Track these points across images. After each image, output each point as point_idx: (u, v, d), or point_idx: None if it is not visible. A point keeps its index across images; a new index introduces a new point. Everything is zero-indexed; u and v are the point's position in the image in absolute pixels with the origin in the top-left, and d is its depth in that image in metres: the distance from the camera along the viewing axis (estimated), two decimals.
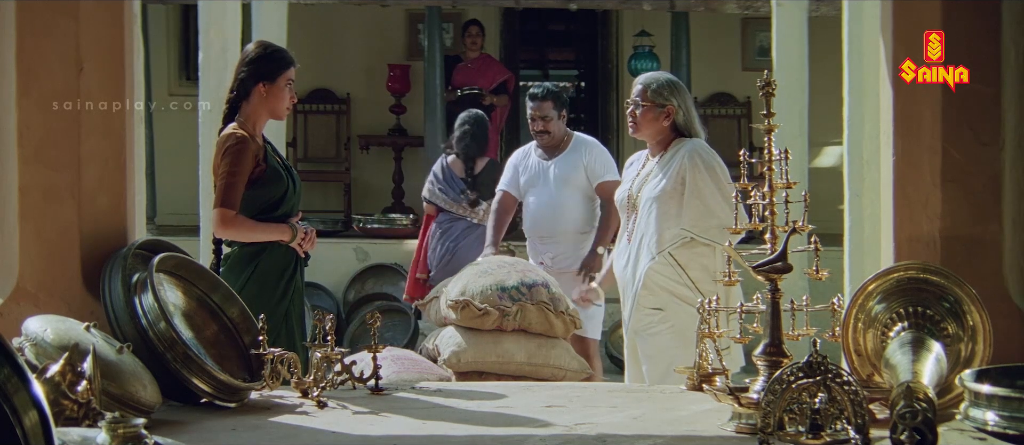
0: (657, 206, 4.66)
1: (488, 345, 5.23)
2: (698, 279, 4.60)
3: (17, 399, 1.77)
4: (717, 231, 4.57)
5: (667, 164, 4.71)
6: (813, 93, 8.70)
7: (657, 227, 4.63)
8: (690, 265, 4.62)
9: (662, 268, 4.63)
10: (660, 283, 4.63)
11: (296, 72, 4.47)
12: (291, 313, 4.37)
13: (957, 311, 3.08)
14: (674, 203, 4.64)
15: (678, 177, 4.63)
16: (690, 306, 4.52)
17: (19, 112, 3.53)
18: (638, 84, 4.85)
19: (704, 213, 4.61)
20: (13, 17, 3.51)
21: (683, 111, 4.79)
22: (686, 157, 4.65)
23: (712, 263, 4.61)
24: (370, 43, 11.67)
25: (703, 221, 4.61)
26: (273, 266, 4.34)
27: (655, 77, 4.89)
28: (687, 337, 4.50)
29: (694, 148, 4.69)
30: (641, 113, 4.77)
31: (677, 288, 4.61)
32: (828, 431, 2.58)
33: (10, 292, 3.53)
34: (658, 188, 4.68)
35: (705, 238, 4.59)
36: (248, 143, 4.28)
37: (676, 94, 4.80)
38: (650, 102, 4.75)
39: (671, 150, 4.75)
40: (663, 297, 4.63)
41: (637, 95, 4.80)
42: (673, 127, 4.78)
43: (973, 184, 3.44)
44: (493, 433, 3.01)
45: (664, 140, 4.79)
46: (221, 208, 4.27)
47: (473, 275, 5.35)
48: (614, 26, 11.94)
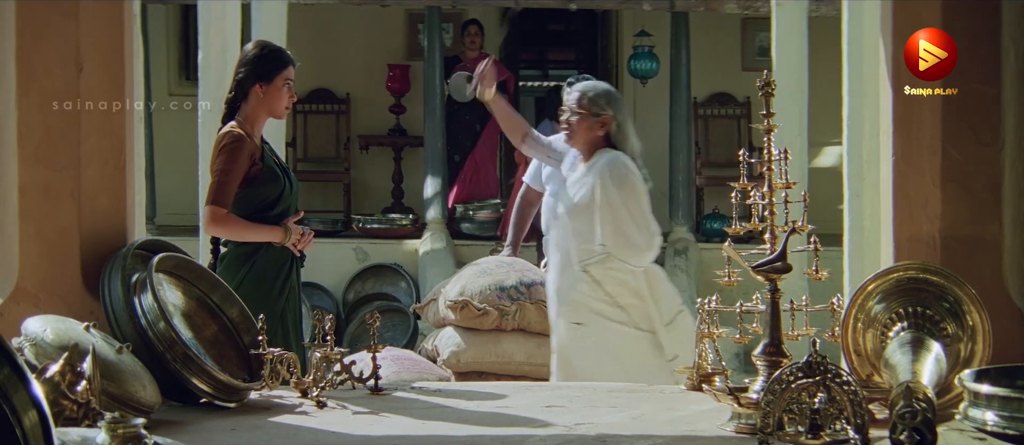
0: (572, 218, 4.63)
1: (487, 345, 5.24)
2: (615, 294, 4.56)
3: (17, 399, 1.77)
4: (627, 249, 4.54)
5: (586, 176, 4.68)
6: (813, 93, 8.69)
7: (576, 241, 4.60)
8: (606, 280, 4.57)
9: (580, 283, 4.59)
10: (577, 299, 4.60)
11: (296, 72, 4.47)
12: (287, 313, 4.37)
13: (957, 311, 3.08)
14: (586, 217, 4.60)
15: (592, 190, 4.60)
16: (610, 321, 4.53)
17: (19, 112, 3.53)
18: (575, 92, 4.78)
19: (615, 230, 4.57)
20: (13, 17, 3.51)
21: (618, 123, 4.75)
22: (600, 170, 4.61)
23: (631, 278, 4.58)
24: (370, 43, 11.67)
25: (614, 238, 4.57)
26: (269, 266, 4.34)
27: (593, 86, 4.85)
28: (610, 352, 4.51)
29: (610, 161, 4.65)
30: (577, 121, 4.72)
31: (595, 304, 4.57)
32: (828, 431, 2.58)
33: (10, 292, 3.53)
34: (574, 199, 4.65)
35: (618, 255, 4.56)
36: (244, 142, 4.28)
37: (612, 105, 4.76)
38: (586, 110, 4.71)
39: (593, 161, 4.70)
40: (583, 312, 4.59)
41: (573, 102, 4.74)
42: (606, 138, 4.74)
43: (973, 184, 3.44)
44: (493, 433, 3.01)
45: (594, 149, 4.74)
46: (211, 206, 4.27)
47: (472, 275, 5.35)
48: (614, 26, 11.93)
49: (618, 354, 4.54)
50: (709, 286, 8.72)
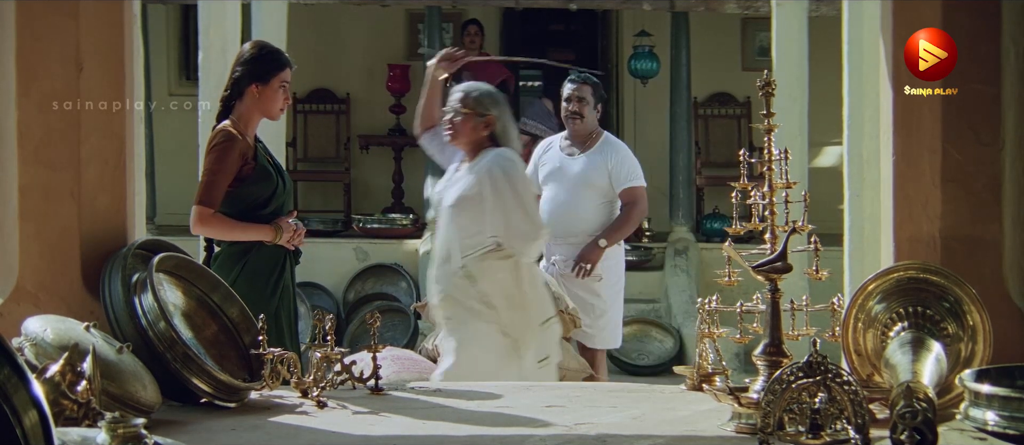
0: (455, 213, 4.62)
1: None
2: (488, 292, 4.57)
3: (17, 399, 1.77)
4: (518, 239, 4.56)
5: (470, 173, 4.67)
6: (813, 93, 8.69)
7: (458, 235, 4.60)
8: (482, 277, 4.58)
9: (458, 279, 4.59)
10: (453, 294, 4.60)
11: (295, 73, 4.47)
12: (281, 312, 4.37)
13: (957, 311, 3.08)
14: (470, 212, 4.59)
15: (478, 185, 4.59)
16: (477, 320, 4.54)
17: (19, 112, 3.53)
18: (459, 92, 4.78)
19: (504, 223, 4.58)
20: (13, 17, 3.51)
21: (502, 123, 4.75)
22: (487, 166, 4.61)
23: (505, 277, 4.59)
24: (370, 43, 11.67)
25: (504, 229, 4.57)
26: (262, 265, 4.34)
27: (476, 86, 4.86)
28: (470, 348, 4.52)
29: (497, 157, 4.65)
30: (461, 121, 4.71)
31: (467, 300, 4.58)
32: (828, 431, 2.58)
33: (10, 292, 3.53)
34: (457, 195, 4.64)
35: (507, 248, 4.56)
36: (235, 141, 4.28)
37: (496, 106, 4.76)
38: (471, 110, 4.70)
39: (478, 159, 4.69)
40: (455, 309, 4.59)
41: (458, 102, 4.74)
42: (491, 137, 4.74)
43: (973, 184, 3.44)
44: (493, 433, 3.01)
45: (478, 149, 4.73)
46: (198, 205, 4.28)
47: None
48: (614, 26, 11.93)
49: (477, 352, 4.55)
50: (709, 286, 8.73)
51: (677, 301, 9.32)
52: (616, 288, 6.19)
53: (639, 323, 9.08)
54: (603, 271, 6.06)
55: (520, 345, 4.62)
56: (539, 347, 4.66)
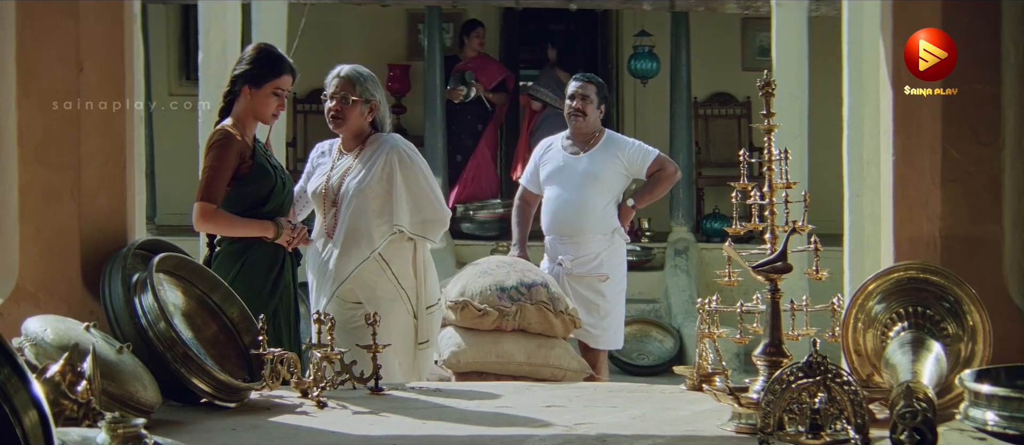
0: (362, 201, 4.56)
1: (488, 345, 5.23)
2: (400, 274, 4.56)
3: (17, 399, 1.77)
4: (426, 225, 4.56)
5: (369, 159, 4.62)
6: (813, 93, 8.69)
7: (367, 223, 4.56)
8: (393, 260, 4.57)
9: (369, 264, 4.56)
10: (365, 279, 4.56)
11: (294, 81, 4.46)
12: (280, 311, 4.37)
13: (957, 311, 3.08)
14: (379, 198, 4.55)
15: (383, 172, 4.56)
16: (389, 302, 4.53)
17: (19, 112, 3.53)
18: (341, 76, 4.71)
19: (413, 208, 4.57)
20: (13, 17, 3.51)
21: (383, 107, 4.74)
22: (392, 153, 4.58)
23: (409, 260, 4.58)
24: (370, 43, 11.66)
25: (413, 216, 4.57)
26: (260, 263, 4.34)
27: (359, 71, 4.76)
28: (387, 333, 4.49)
29: (398, 144, 4.64)
30: (349, 107, 4.65)
31: (381, 284, 4.57)
32: (828, 431, 2.58)
33: (10, 292, 3.53)
34: (364, 183, 4.58)
35: (417, 234, 4.56)
36: (232, 140, 4.29)
37: (378, 89, 4.74)
38: (359, 97, 4.65)
39: (371, 145, 4.65)
40: (366, 293, 4.56)
41: (343, 88, 4.67)
42: (372, 122, 4.72)
43: (973, 184, 3.44)
44: (493, 433, 3.01)
45: (362, 135, 4.70)
46: (201, 202, 4.28)
47: (472, 275, 5.34)
48: (614, 26, 11.93)
49: (388, 335, 4.52)
50: (709, 286, 8.74)
51: (677, 301, 9.32)
52: (620, 288, 6.17)
53: (639, 323, 9.08)
54: (609, 270, 6.05)
55: (418, 326, 4.64)
56: (423, 330, 4.66)
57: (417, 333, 4.63)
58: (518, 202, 6.42)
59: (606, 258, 6.06)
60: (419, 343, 4.64)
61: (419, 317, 4.63)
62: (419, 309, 4.63)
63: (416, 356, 4.64)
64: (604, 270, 6.04)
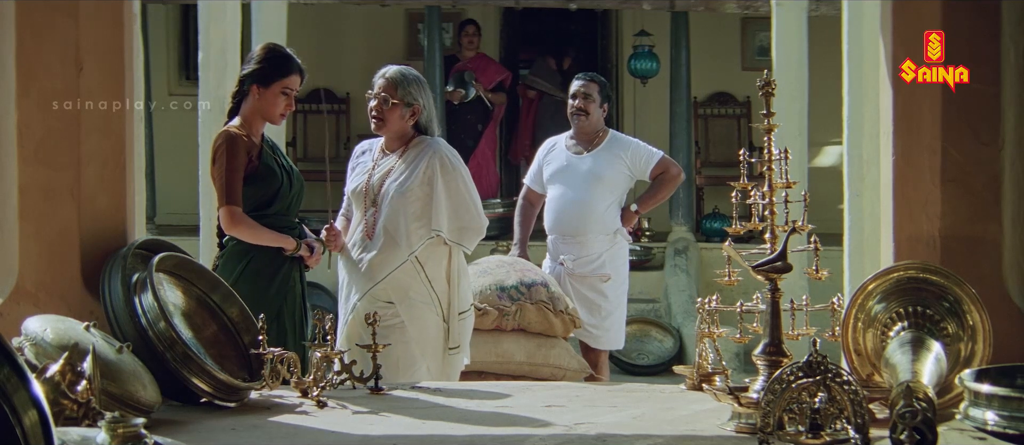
0: (403, 203, 4.55)
1: (487, 345, 5.24)
2: (433, 278, 4.55)
3: (17, 399, 1.77)
4: (463, 232, 4.54)
5: (412, 162, 4.60)
6: (813, 93, 8.69)
7: (406, 225, 4.54)
8: (428, 263, 4.55)
9: (407, 265, 4.53)
10: (400, 280, 4.54)
11: (303, 81, 4.46)
12: (284, 312, 4.37)
13: (957, 311, 3.08)
14: (420, 201, 4.53)
15: (425, 176, 4.54)
16: (421, 304, 4.52)
17: (19, 112, 3.53)
18: (385, 77, 4.68)
19: (452, 214, 4.55)
20: (13, 17, 3.51)
21: (427, 111, 4.70)
22: (435, 157, 4.56)
23: (444, 264, 4.57)
24: (370, 43, 11.66)
25: (451, 222, 4.54)
26: (265, 264, 4.35)
27: (403, 73, 4.72)
28: (417, 335, 4.49)
29: (441, 148, 4.61)
30: (390, 109, 4.63)
31: (414, 286, 4.54)
32: (828, 431, 2.58)
33: (10, 292, 3.53)
34: (405, 185, 4.56)
35: (454, 240, 4.54)
36: (237, 140, 4.30)
37: (423, 93, 4.69)
38: (400, 100, 4.63)
39: (414, 148, 4.63)
40: (398, 294, 4.54)
41: (384, 90, 4.65)
42: (416, 125, 4.69)
43: (973, 184, 3.44)
44: (493, 433, 3.01)
45: (405, 137, 4.68)
46: (227, 205, 4.29)
47: (472, 275, 5.35)
48: (614, 26, 11.94)
49: (418, 337, 4.51)
50: (709, 286, 8.74)
51: (677, 301, 9.32)
52: (622, 289, 6.17)
53: (639, 323, 9.08)
54: (611, 271, 6.04)
55: (449, 331, 4.62)
56: (454, 335, 4.65)
57: (447, 338, 4.60)
58: (521, 202, 6.42)
59: (608, 258, 6.06)
60: (450, 348, 4.61)
61: (450, 322, 4.59)
62: (450, 314, 4.60)
63: (445, 361, 4.60)
64: (606, 270, 6.03)
